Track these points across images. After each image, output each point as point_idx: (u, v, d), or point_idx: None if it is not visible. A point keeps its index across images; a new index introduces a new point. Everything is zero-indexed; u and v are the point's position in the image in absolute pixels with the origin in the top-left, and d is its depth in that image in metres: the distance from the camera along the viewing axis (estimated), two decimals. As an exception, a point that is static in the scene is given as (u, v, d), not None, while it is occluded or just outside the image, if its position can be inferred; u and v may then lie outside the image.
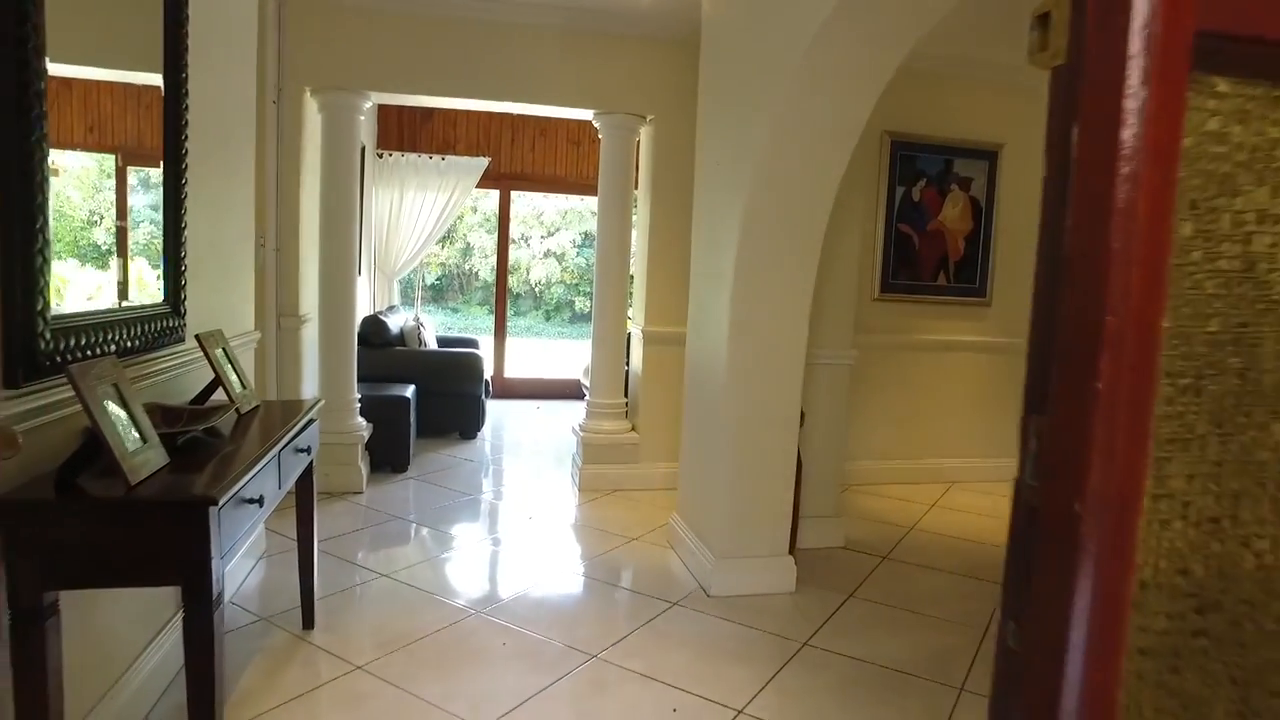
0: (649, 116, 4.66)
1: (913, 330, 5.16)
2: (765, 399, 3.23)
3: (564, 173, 7.79)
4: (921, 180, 5.01)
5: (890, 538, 4.15)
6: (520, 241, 15.99)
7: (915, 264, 5.08)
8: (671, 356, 4.71)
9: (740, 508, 3.27)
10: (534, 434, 6.34)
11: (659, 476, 4.81)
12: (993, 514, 4.69)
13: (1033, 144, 5.22)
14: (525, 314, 16.87)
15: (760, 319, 3.16)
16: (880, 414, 5.08)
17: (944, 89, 5.00)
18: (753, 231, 3.03)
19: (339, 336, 4.41)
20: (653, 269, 4.71)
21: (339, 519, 3.99)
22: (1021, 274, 5.28)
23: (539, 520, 4.20)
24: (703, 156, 3.64)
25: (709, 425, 3.41)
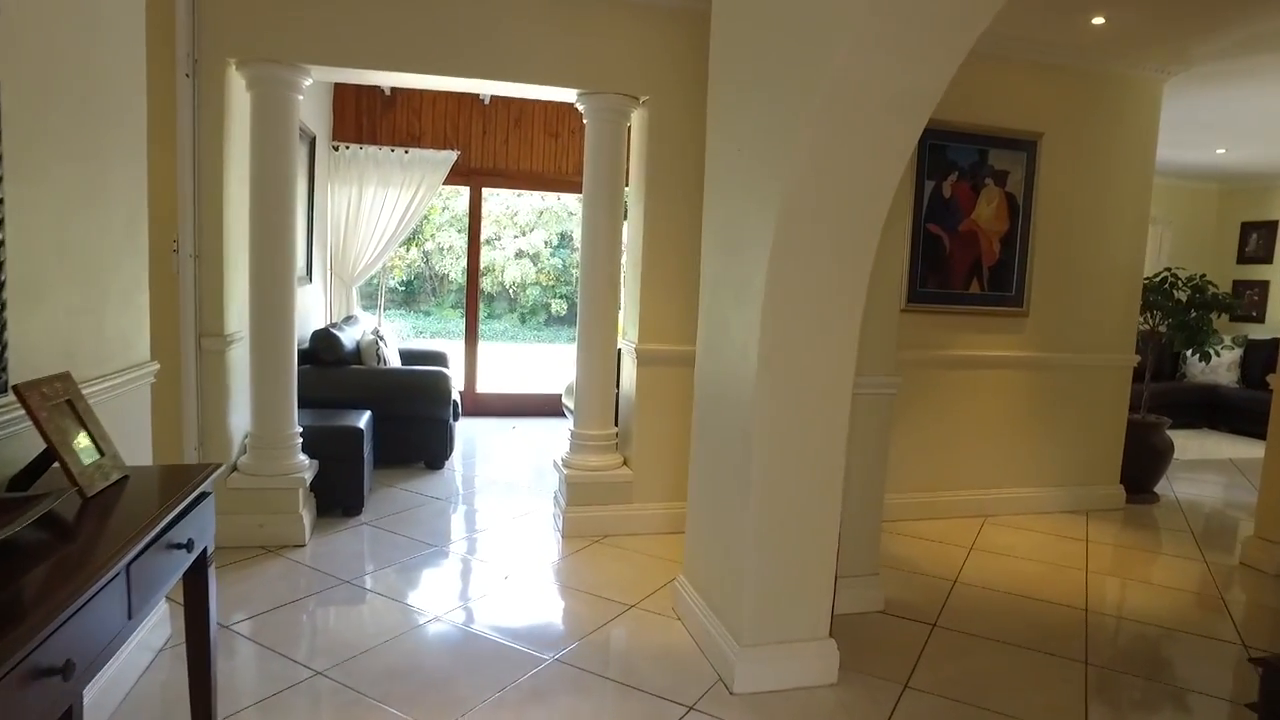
0: (643, 98, 3.98)
1: (943, 345, 4.53)
2: (804, 445, 2.56)
3: (541, 168, 7.09)
4: (953, 174, 4.38)
5: (933, 596, 3.51)
6: (493, 241, 15.28)
7: (946, 269, 4.46)
8: (670, 379, 4.03)
9: (771, 583, 2.60)
10: (510, 461, 5.63)
11: (656, 519, 4.13)
12: (1035, 557, 4.07)
13: (1076, 133, 4.61)
14: (500, 317, 16.13)
15: (800, 343, 2.50)
16: (907, 441, 4.44)
17: (976, 69, 4.36)
18: (792, 231, 2.37)
19: (275, 359, 3.68)
20: (648, 277, 4.03)
21: (272, 585, 3.27)
22: (1063, 281, 4.68)
23: (516, 580, 3.50)
24: (716, 142, 2.96)
25: (727, 476, 2.74)
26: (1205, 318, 5.13)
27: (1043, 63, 4.51)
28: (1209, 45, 4.39)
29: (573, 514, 4.05)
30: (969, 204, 4.43)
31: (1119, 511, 4.98)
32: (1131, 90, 4.73)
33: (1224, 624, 3.40)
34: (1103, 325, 4.87)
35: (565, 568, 3.68)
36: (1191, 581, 3.87)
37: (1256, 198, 9.05)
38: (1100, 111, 4.68)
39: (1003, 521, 4.64)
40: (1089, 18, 4.00)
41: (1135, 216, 4.87)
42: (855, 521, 3.17)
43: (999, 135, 4.42)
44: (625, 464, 4.19)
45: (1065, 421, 4.86)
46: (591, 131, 4.04)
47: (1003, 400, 4.72)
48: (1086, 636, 3.17)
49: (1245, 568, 4.09)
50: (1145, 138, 4.82)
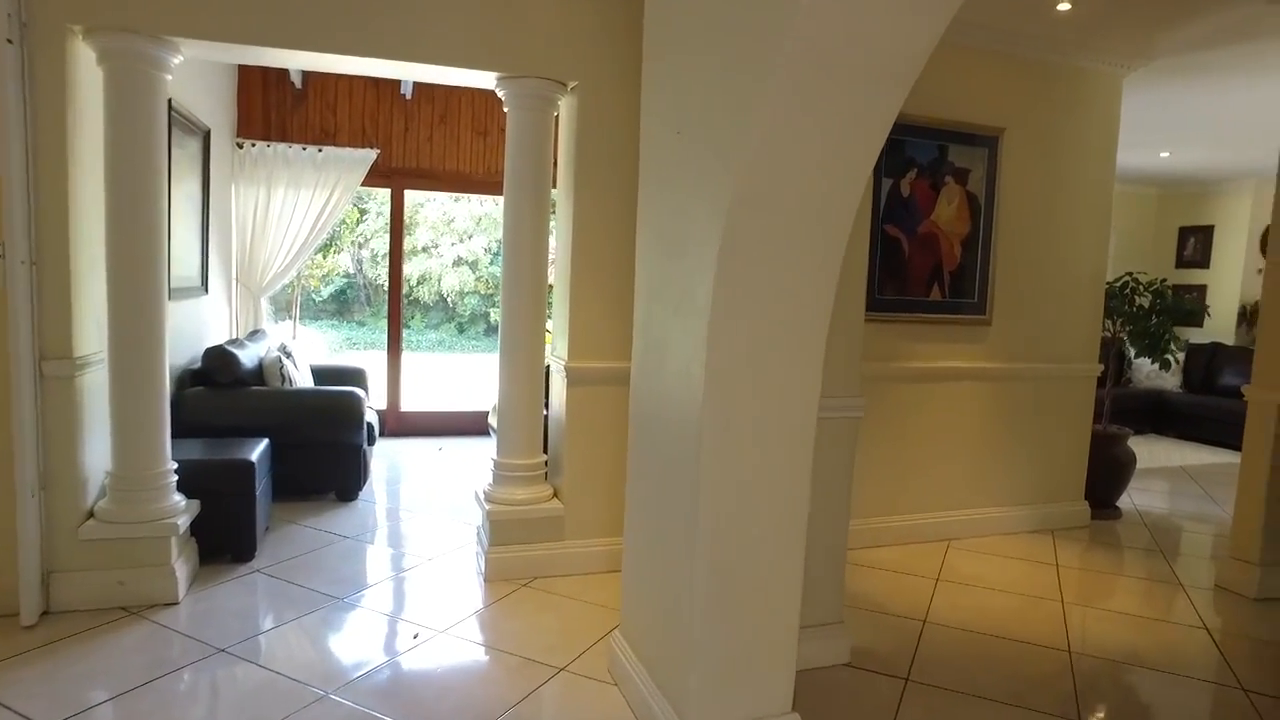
0: (571, 84, 3.54)
1: (902, 357, 4.19)
2: (761, 483, 2.14)
3: (469, 168, 6.59)
4: (912, 171, 4.05)
5: (903, 641, 3.13)
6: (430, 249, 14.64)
7: (905, 275, 4.12)
8: (606, 400, 3.59)
9: (723, 651, 2.17)
10: (434, 488, 5.10)
11: (591, 558, 3.67)
12: (1006, 587, 3.74)
13: (1038, 129, 4.33)
14: (438, 326, 15.49)
15: (754, 361, 2.08)
16: (864, 462, 4.07)
17: (937, 58, 4.02)
18: (745, 228, 1.94)
19: (141, 384, 3.12)
20: (578, 286, 3.59)
21: (123, 660, 2.70)
22: (1026, 286, 4.39)
23: (429, 639, 3.00)
24: (652, 125, 2.53)
25: (669, 522, 2.30)
26: (1167, 324, 4.91)
27: (1006, 53, 4.22)
28: (1173, 36, 4.16)
29: (496, 555, 3.56)
30: (929, 204, 4.10)
31: (1085, 529, 4.71)
32: (1093, 85, 4.48)
33: (1216, 661, 3.10)
34: (1067, 333, 4.60)
35: (487, 620, 3.20)
36: (1173, 610, 3.58)
37: (1194, 202, 9.06)
38: (1063, 107, 4.41)
39: (967, 545, 4.31)
40: (1056, 3, 3.71)
41: (1097, 218, 4.62)
42: (818, 564, 2.77)
43: (960, 130, 4.11)
44: (555, 496, 3.73)
45: (1029, 436, 4.57)
46: (513, 121, 3.58)
47: (965, 415, 4.40)
48: (1075, 687, 2.82)
49: (1222, 591, 3.83)
50: (1107, 135, 4.57)
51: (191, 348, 4.68)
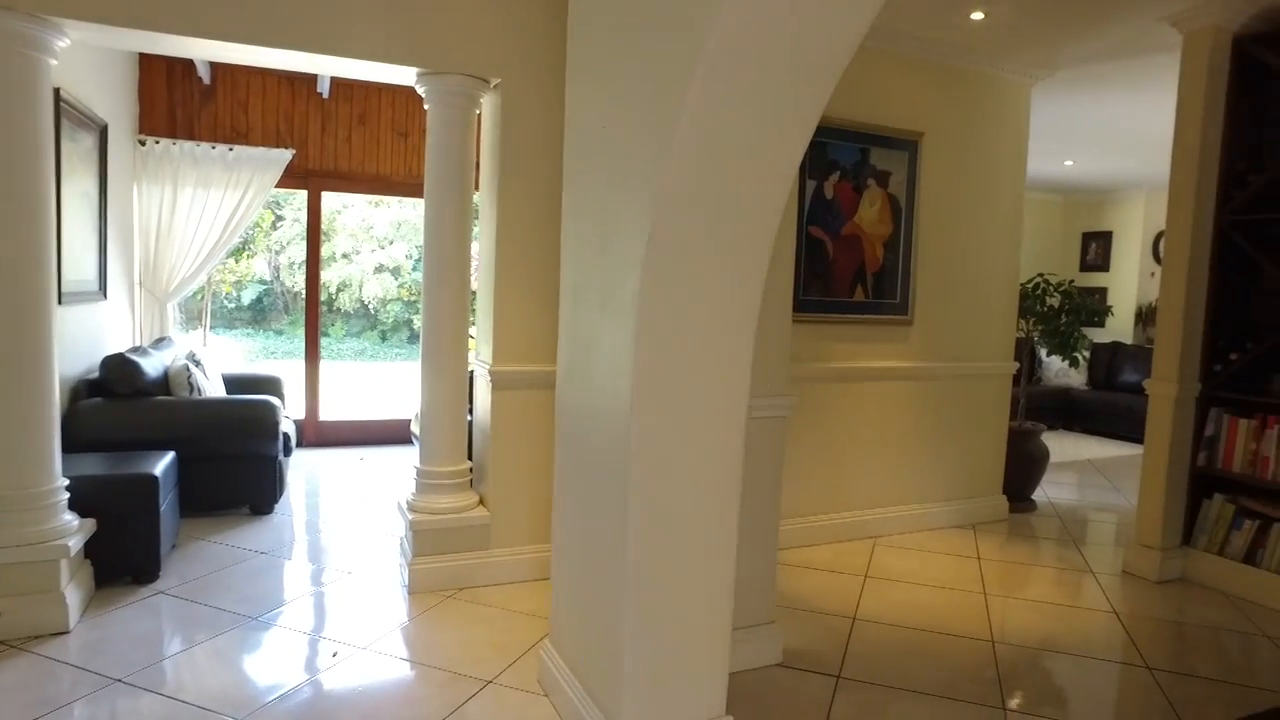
0: (494, 81, 3.46)
1: (827, 357, 4.24)
2: (691, 485, 2.11)
3: (390, 170, 6.40)
4: (835, 173, 4.10)
5: (833, 639, 3.14)
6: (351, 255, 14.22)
7: (829, 276, 4.17)
8: (531, 404, 3.51)
9: (654, 656, 2.12)
10: (355, 499, 4.91)
11: (520, 565, 3.58)
12: (933, 581, 3.81)
13: (955, 134, 4.46)
14: (360, 335, 15.04)
15: (683, 360, 2.04)
16: (791, 462, 4.09)
17: (857, 62, 4.10)
18: (672, 223, 1.91)
19: (22, 395, 2.88)
20: (503, 287, 3.50)
21: (7, 698, 2.48)
22: (946, 286, 4.50)
23: (349, 657, 2.86)
24: (578, 118, 2.48)
25: (597, 526, 2.25)
26: (1075, 324, 5.12)
27: (923, 59, 4.33)
28: (1074, 50, 4.34)
29: (420, 566, 3.43)
30: (851, 206, 4.17)
31: (1003, 523, 4.86)
32: (1005, 93, 4.64)
33: (1123, 642, 3.22)
34: (984, 332, 4.75)
35: (412, 634, 3.07)
36: (1084, 596, 3.71)
37: (1095, 209, 9.53)
38: (977, 113, 4.56)
39: (894, 542, 4.39)
40: (970, 12, 3.82)
41: (1010, 221, 4.78)
42: (749, 565, 2.75)
43: (881, 134, 4.19)
44: (481, 504, 3.62)
45: (951, 433, 4.69)
46: (435, 119, 3.48)
47: (889, 414, 4.48)
48: (999, 676, 2.88)
49: (1128, 575, 3.99)
50: (1018, 141, 4.74)
51: (88, 356, 4.39)
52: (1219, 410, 3.85)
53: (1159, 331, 3.97)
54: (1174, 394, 3.86)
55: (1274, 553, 3.67)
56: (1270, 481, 3.65)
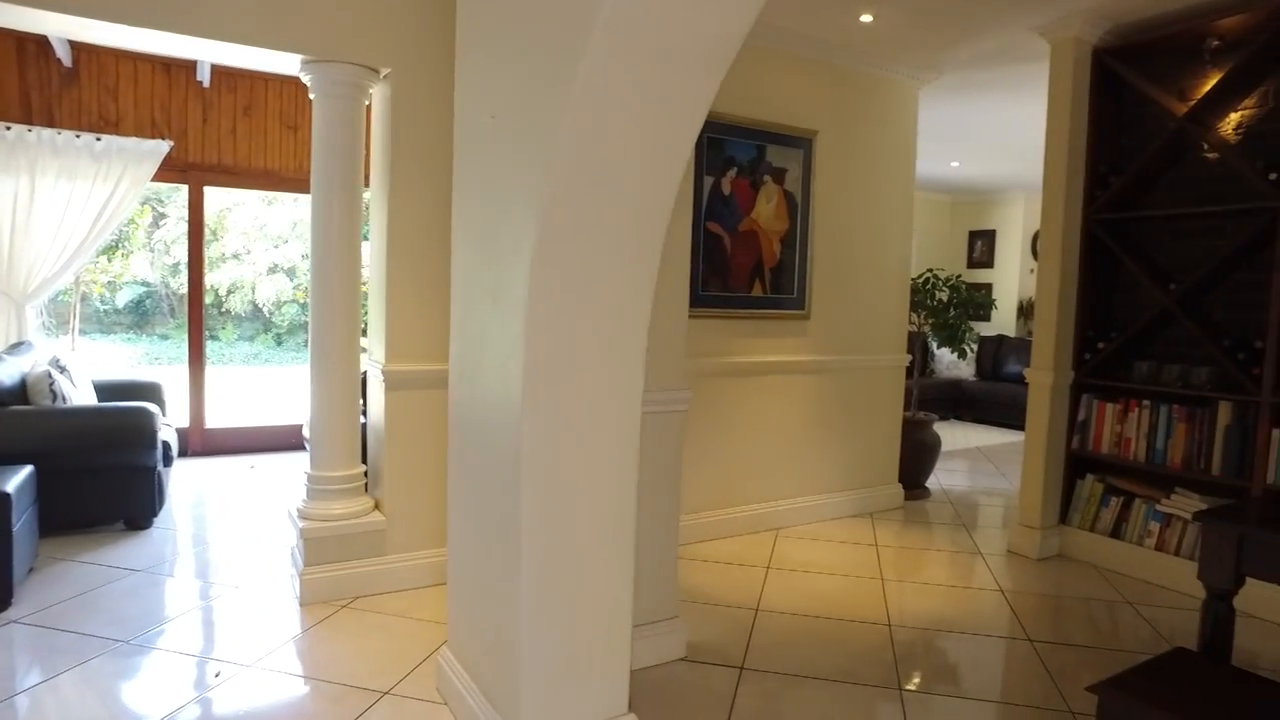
0: (384, 71, 3.33)
1: (726, 351, 4.29)
2: (586, 483, 2.07)
3: (279, 165, 6.11)
4: (732, 169, 4.15)
5: (737, 631, 3.17)
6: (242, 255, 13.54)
7: (727, 271, 4.22)
8: (426, 404, 3.41)
9: (553, 656, 2.08)
10: (244, 509, 4.66)
11: (418, 571, 3.47)
12: (832, 569, 3.91)
13: (847, 133, 4.59)
14: (253, 338, 14.35)
15: (576, 355, 2.01)
16: (692, 457, 4.13)
17: (753, 61, 4.19)
18: (562, 214, 1.87)
19: None
20: (395, 285, 3.38)
21: None
22: (841, 281, 4.62)
23: (233, 677, 2.70)
24: (467, 108, 2.41)
25: (492, 527, 2.19)
26: (963, 317, 5.36)
27: (817, 60, 4.43)
28: (956, 54, 4.54)
29: (312, 576, 3.28)
30: (749, 202, 4.23)
31: (899, 510, 5.04)
32: (894, 94, 4.81)
33: (1009, 618, 3.38)
34: (878, 326, 4.90)
35: (304, 647, 2.93)
36: (974, 577, 3.88)
37: (980, 209, 10.03)
38: (868, 113, 4.70)
39: (795, 533, 4.48)
40: (859, 14, 3.93)
41: (901, 218, 4.95)
42: (650, 561, 2.75)
43: (777, 131, 4.27)
44: (377, 508, 3.50)
45: (848, 425, 4.82)
46: (321, 110, 3.33)
47: (788, 407, 4.57)
48: (896, 658, 2.98)
49: (1013, 555, 4.20)
50: (907, 141, 4.92)
51: (-68, 364, 4.00)
52: (1089, 396, 4.09)
53: (1037, 324, 4.20)
54: (1050, 382, 4.08)
55: (1135, 526, 3.93)
56: (1133, 461, 3.90)
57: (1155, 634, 3.28)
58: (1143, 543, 3.89)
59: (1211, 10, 3.67)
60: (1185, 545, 3.74)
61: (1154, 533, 3.84)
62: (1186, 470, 3.71)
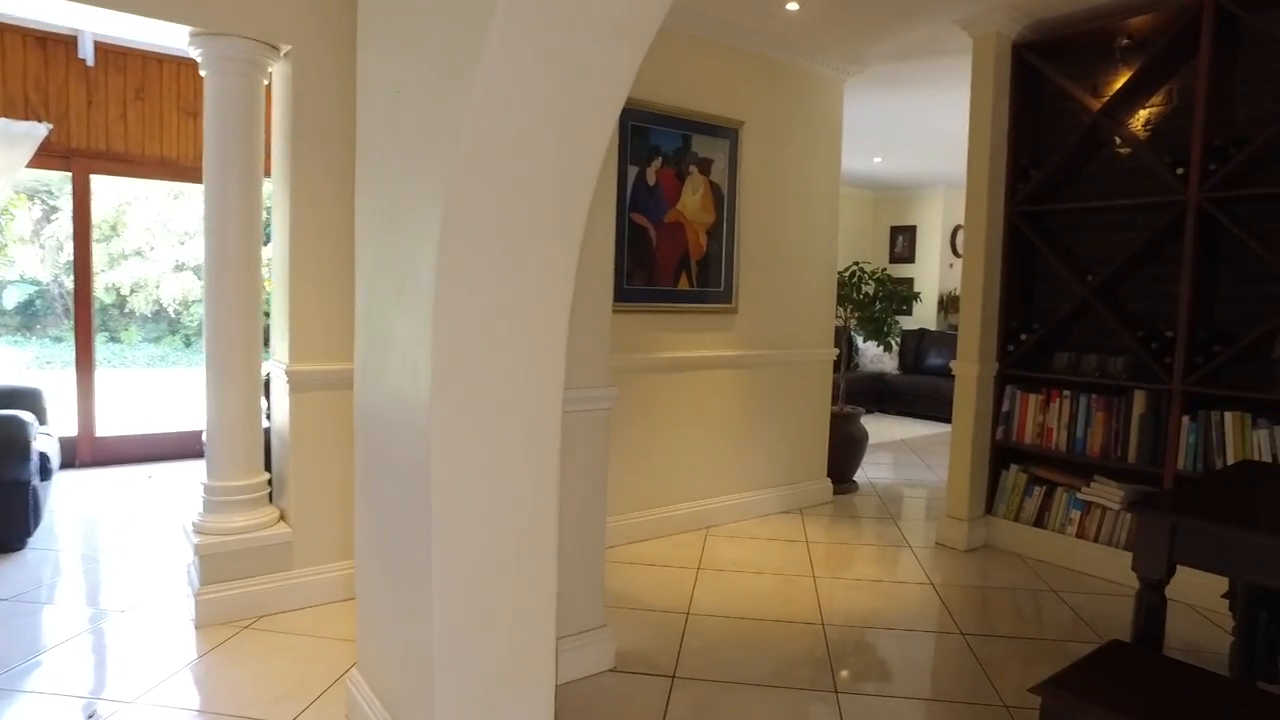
0: (284, 48, 3.09)
1: (652, 347, 4.17)
2: (503, 488, 1.91)
3: (176, 153, 5.71)
4: (657, 159, 4.04)
5: (667, 637, 3.06)
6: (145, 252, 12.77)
7: (653, 264, 4.10)
8: (335, 405, 3.18)
9: (471, 677, 1.92)
10: (138, 524, 4.31)
11: (329, 585, 3.24)
12: (764, 568, 3.84)
13: (773, 124, 4.53)
14: (158, 340, 13.55)
15: (489, 351, 1.85)
16: (618, 457, 4.00)
17: (678, 50, 4.08)
18: (471, 196, 1.71)
19: None
20: (298, 280, 3.14)
21: None
22: (768, 275, 4.56)
23: (112, 716, 2.43)
24: (370, 87, 2.22)
25: (401, 538, 2.01)
26: (888, 309, 5.38)
27: (744, 49, 4.35)
28: (880, 47, 4.53)
29: (210, 596, 3.02)
30: (674, 193, 4.12)
31: (828, 505, 5.02)
32: (820, 86, 4.77)
33: (939, 610, 3.37)
34: (805, 320, 4.87)
35: (200, 676, 2.67)
36: (904, 571, 3.87)
37: (902, 205, 10.21)
38: (795, 105, 4.65)
39: (725, 531, 4.40)
40: (785, 2, 3.87)
41: (828, 211, 4.93)
42: (575, 567, 2.61)
43: (702, 121, 4.17)
44: (282, 519, 3.25)
45: (777, 420, 4.77)
46: (213, 89, 3.06)
47: (717, 403, 4.49)
48: (829, 657, 2.91)
49: (941, 547, 4.22)
50: (833, 134, 4.90)
51: None
52: (1013, 387, 4.14)
53: (962, 315, 4.21)
54: (976, 374, 4.11)
55: (1057, 515, 3.99)
56: (1055, 450, 3.96)
57: (1080, 621, 3.31)
58: (1064, 531, 3.95)
59: (1121, 10, 3.74)
60: (1104, 532, 3.80)
61: (1075, 521, 3.90)
62: (1105, 458, 3.78)
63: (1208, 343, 3.49)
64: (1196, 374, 3.46)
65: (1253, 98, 3.52)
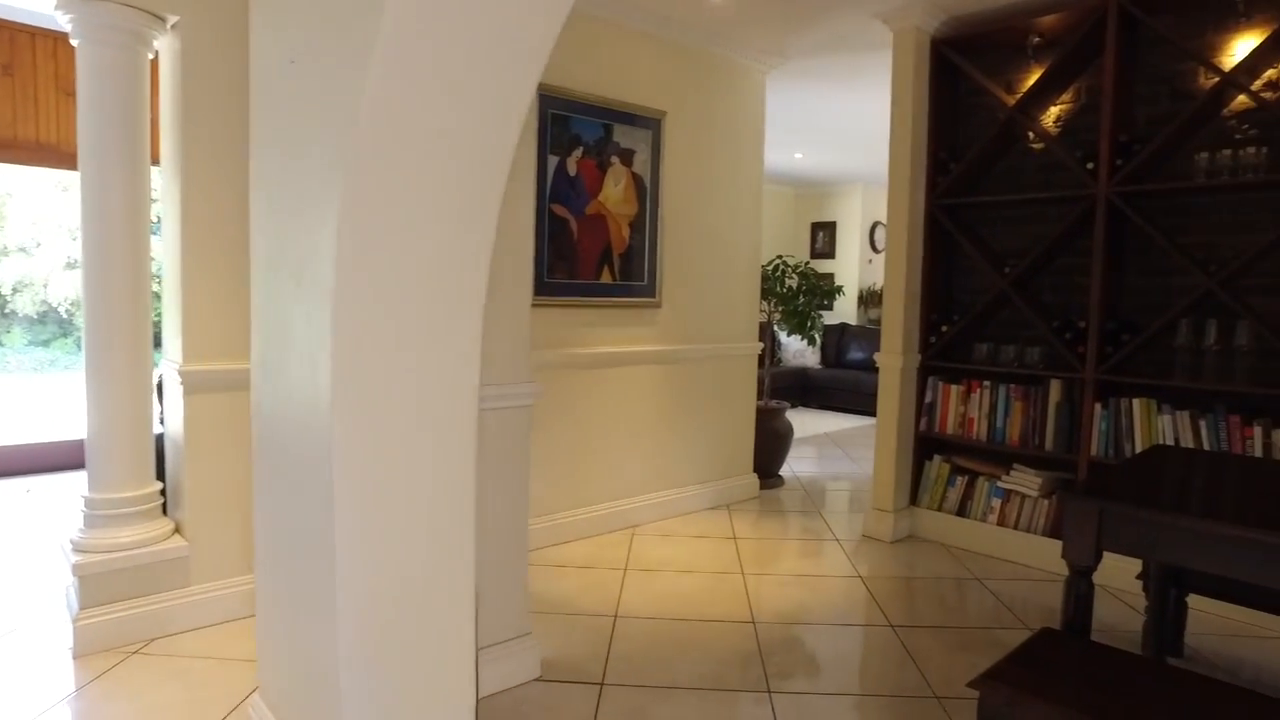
0: (171, 18, 2.83)
1: (574, 342, 4.05)
2: (415, 491, 1.77)
3: (56, 138, 5.26)
4: (578, 149, 3.91)
5: (595, 642, 2.94)
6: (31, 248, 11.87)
7: (574, 257, 3.98)
8: (234, 407, 2.95)
9: (381, 698, 1.76)
10: (12, 543, 3.93)
11: (230, 602, 3.01)
12: (692, 567, 3.77)
13: (696, 115, 4.46)
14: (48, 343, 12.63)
15: (396, 346, 1.70)
16: (540, 456, 3.87)
17: (599, 37, 3.97)
18: (373, 175, 1.56)
19: None
20: (190, 273, 2.89)
21: None
22: (692, 268, 4.50)
23: (-30, 755, 2.17)
24: (263, 57, 2.03)
25: (302, 549, 1.84)
26: (812, 303, 5.39)
27: (666, 38, 4.27)
28: (800, 40, 4.52)
29: (91, 621, 2.75)
30: (596, 184, 4.01)
31: (755, 500, 5.00)
32: (743, 78, 4.74)
33: (868, 603, 3.36)
34: (730, 313, 4.83)
35: (79, 711, 2.42)
36: (833, 564, 3.86)
37: (822, 201, 10.35)
38: (718, 97, 4.60)
39: (652, 530, 4.32)
40: (706, -11, 3.80)
41: (751, 204, 4.90)
42: (496, 573, 2.47)
43: (624, 110, 4.07)
44: (178, 532, 2.99)
45: (702, 415, 4.72)
46: (87, 61, 2.79)
47: (641, 399, 4.40)
48: (762, 657, 2.85)
49: (868, 539, 4.24)
50: (755, 127, 4.87)
51: None
52: (935, 379, 4.18)
53: (885, 308, 4.24)
54: (899, 365, 4.13)
55: (979, 503, 4.05)
56: (976, 440, 4.02)
57: (1003, 607, 3.36)
58: (986, 519, 4.01)
59: (1033, 9, 3.82)
60: (1024, 519, 3.88)
61: (996, 509, 3.97)
62: (1024, 446, 3.85)
63: (1117, 332, 3.59)
64: (1107, 363, 3.56)
65: (1152, 97, 3.64)
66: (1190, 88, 3.52)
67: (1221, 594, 2.79)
